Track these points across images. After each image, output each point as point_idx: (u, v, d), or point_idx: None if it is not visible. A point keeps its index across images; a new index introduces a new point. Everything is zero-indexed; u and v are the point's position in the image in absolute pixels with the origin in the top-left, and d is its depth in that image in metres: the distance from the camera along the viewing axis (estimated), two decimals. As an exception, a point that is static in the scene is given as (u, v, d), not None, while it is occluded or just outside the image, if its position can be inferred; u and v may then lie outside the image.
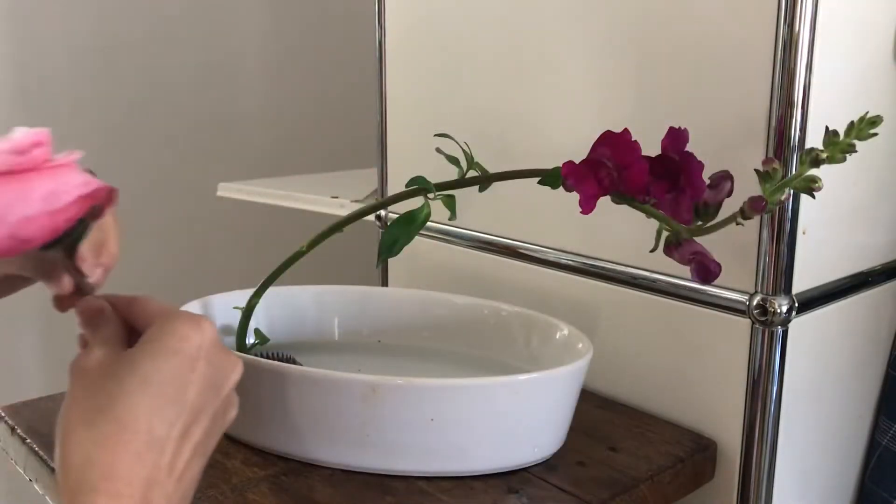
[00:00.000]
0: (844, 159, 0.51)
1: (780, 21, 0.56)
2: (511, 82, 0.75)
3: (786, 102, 0.57)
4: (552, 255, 0.74)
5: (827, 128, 0.51)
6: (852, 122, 0.51)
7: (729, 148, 0.60)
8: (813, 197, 0.52)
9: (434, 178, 0.61)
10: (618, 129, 0.53)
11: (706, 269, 0.53)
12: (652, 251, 0.55)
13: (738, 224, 0.52)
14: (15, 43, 1.28)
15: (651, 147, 0.54)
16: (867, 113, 0.51)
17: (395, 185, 0.90)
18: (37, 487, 0.60)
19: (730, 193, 0.53)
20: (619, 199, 0.55)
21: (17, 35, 1.28)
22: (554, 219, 0.73)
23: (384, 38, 0.87)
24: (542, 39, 0.72)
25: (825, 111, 0.59)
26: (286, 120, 1.57)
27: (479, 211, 0.80)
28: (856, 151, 0.51)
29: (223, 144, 1.50)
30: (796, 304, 0.60)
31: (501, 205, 0.78)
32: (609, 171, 0.53)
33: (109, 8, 1.36)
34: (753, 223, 0.58)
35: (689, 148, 0.55)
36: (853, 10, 0.60)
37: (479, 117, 0.78)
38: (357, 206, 0.97)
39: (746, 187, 0.54)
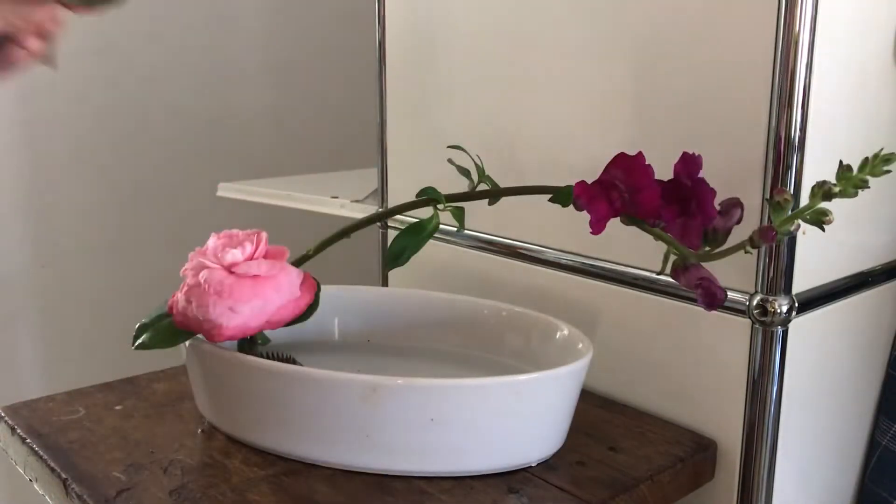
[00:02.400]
0: (857, 194, 0.51)
1: (780, 21, 0.56)
2: (511, 82, 0.75)
3: (786, 102, 0.57)
4: (552, 255, 0.74)
5: (841, 162, 0.51)
6: (866, 159, 0.51)
7: (729, 148, 0.60)
8: (823, 230, 0.52)
9: (435, 181, 0.61)
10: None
11: (712, 295, 0.53)
12: (658, 274, 0.55)
13: (746, 252, 0.52)
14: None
15: (651, 146, 0.54)
16: (881, 150, 0.50)
17: (395, 185, 0.90)
18: (36, 487, 0.60)
19: (739, 221, 0.54)
20: (628, 220, 0.54)
21: (17, 35, 1.28)
22: (554, 219, 0.73)
23: (384, 38, 0.87)
24: (541, 41, 0.72)
25: (825, 111, 0.59)
26: (286, 120, 1.57)
27: (479, 211, 0.80)
28: (868, 187, 0.51)
29: (223, 144, 1.50)
30: (796, 304, 0.60)
31: (502, 205, 0.78)
32: (621, 192, 0.53)
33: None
34: (754, 223, 0.58)
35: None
36: (853, 10, 0.60)
37: (479, 117, 0.78)
38: (357, 206, 0.97)
39: (746, 186, 0.54)
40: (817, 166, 0.59)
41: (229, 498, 0.53)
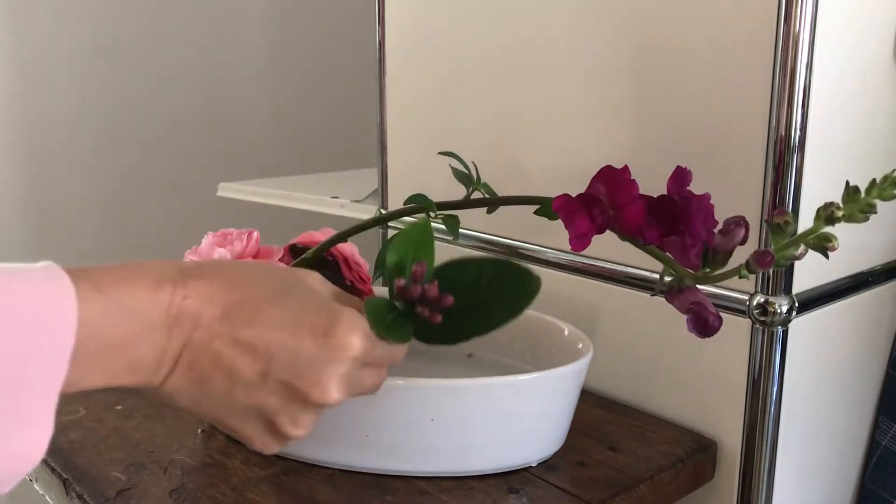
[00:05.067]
0: (866, 219, 0.47)
1: (780, 21, 0.56)
2: (511, 82, 0.75)
3: (786, 102, 0.57)
4: (552, 255, 0.74)
5: (847, 183, 0.47)
6: (874, 181, 0.46)
7: (728, 147, 0.60)
8: (826, 257, 0.47)
9: (434, 182, 0.61)
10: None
11: (704, 322, 0.49)
12: (653, 295, 0.54)
13: (740, 277, 0.49)
14: (15, 43, 1.28)
15: (651, 146, 0.54)
16: (893, 171, 0.46)
17: (395, 186, 0.90)
18: (36, 487, 0.60)
19: (743, 242, 0.49)
20: (622, 236, 0.52)
21: (17, 35, 1.28)
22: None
23: (384, 38, 0.87)
24: (541, 42, 0.72)
25: (825, 111, 0.59)
26: (287, 120, 1.57)
27: (479, 211, 0.80)
28: (875, 213, 0.46)
29: (223, 144, 1.50)
30: (796, 304, 0.60)
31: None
32: (604, 208, 0.50)
33: (110, 8, 1.36)
34: (753, 223, 0.58)
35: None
36: (853, 10, 0.60)
37: (480, 117, 0.78)
38: (357, 206, 0.97)
39: (746, 185, 0.54)
40: (817, 166, 0.59)
41: (229, 498, 0.53)
